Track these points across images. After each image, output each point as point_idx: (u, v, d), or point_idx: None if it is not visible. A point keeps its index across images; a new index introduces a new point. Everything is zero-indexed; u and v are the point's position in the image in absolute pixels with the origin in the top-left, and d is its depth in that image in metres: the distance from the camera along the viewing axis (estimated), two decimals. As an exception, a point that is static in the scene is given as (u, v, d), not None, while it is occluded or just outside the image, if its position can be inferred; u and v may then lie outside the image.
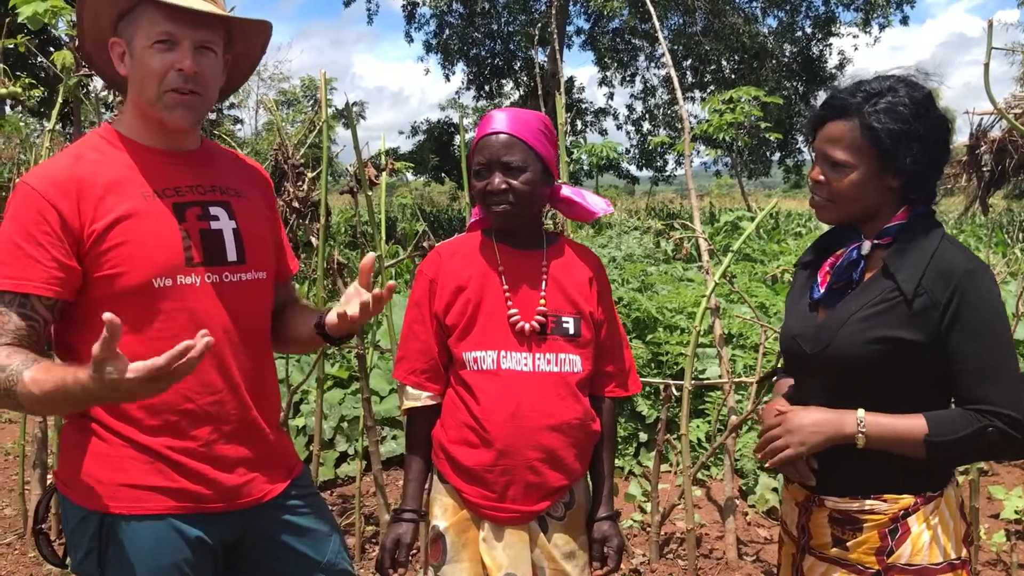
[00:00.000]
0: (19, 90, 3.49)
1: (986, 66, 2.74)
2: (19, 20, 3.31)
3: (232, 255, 1.87)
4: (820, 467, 1.87)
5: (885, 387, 1.79)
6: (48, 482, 3.98)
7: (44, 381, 1.58)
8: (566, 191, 2.22)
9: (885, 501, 1.81)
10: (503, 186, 2.02)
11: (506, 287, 2.09)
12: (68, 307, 1.76)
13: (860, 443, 1.77)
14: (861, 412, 1.78)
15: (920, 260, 1.77)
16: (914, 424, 1.74)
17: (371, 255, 1.91)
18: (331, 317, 1.94)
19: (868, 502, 1.83)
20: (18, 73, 4.03)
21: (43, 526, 1.94)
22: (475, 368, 2.07)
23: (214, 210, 1.87)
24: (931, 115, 1.79)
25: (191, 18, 1.75)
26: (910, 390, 1.79)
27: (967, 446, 1.73)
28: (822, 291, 1.91)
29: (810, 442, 1.82)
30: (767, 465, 1.90)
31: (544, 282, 2.11)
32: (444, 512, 2.13)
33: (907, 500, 1.80)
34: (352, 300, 1.89)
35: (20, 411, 1.71)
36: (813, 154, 1.92)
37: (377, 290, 1.80)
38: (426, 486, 2.22)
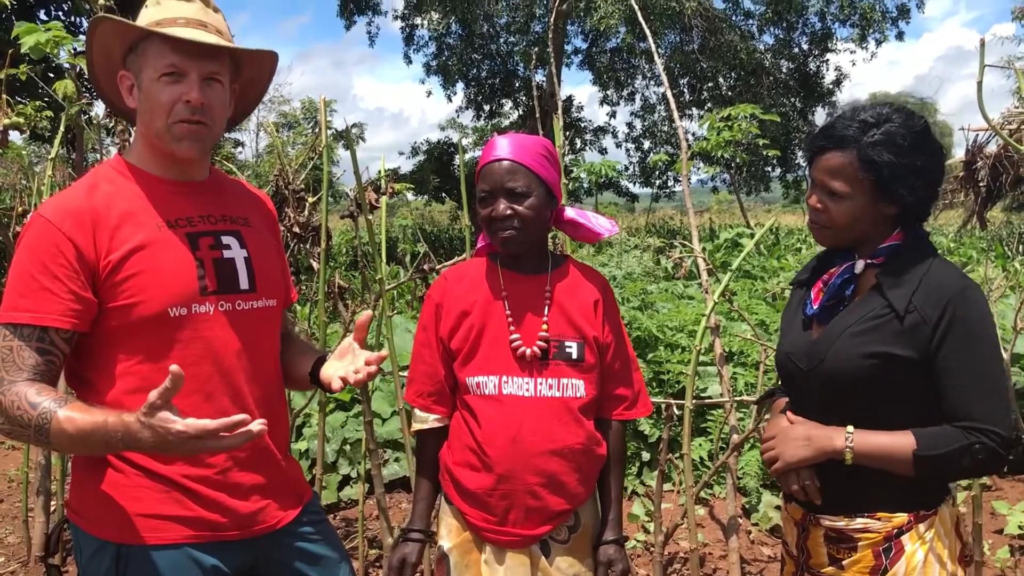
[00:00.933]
0: (21, 120, 3.52)
1: (979, 84, 2.76)
2: (22, 50, 3.35)
3: (244, 283, 1.90)
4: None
5: (876, 403, 1.82)
6: (52, 510, 3.98)
7: (80, 420, 1.60)
8: (570, 213, 2.24)
9: (879, 519, 1.83)
10: (508, 212, 2.04)
11: (509, 312, 2.11)
12: (82, 339, 1.77)
13: (848, 458, 1.80)
14: (850, 428, 1.81)
15: (912, 278, 1.80)
16: (903, 440, 1.76)
17: (367, 314, 1.96)
18: (327, 373, 1.96)
19: (861, 520, 1.85)
20: (22, 100, 4.07)
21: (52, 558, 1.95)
22: (478, 392, 2.09)
23: (226, 239, 1.89)
24: (928, 146, 1.82)
25: (198, 50, 1.78)
26: (900, 406, 1.81)
27: (954, 462, 1.75)
28: (815, 308, 1.95)
29: (799, 455, 1.86)
30: (770, 475, 1.93)
31: (547, 307, 2.13)
32: (449, 533, 2.15)
33: (901, 518, 1.82)
34: (346, 357, 1.94)
35: (45, 448, 1.72)
36: (809, 180, 1.95)
37: (369, 355, 1.88)
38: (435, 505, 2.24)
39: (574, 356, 2.11)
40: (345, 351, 1.97)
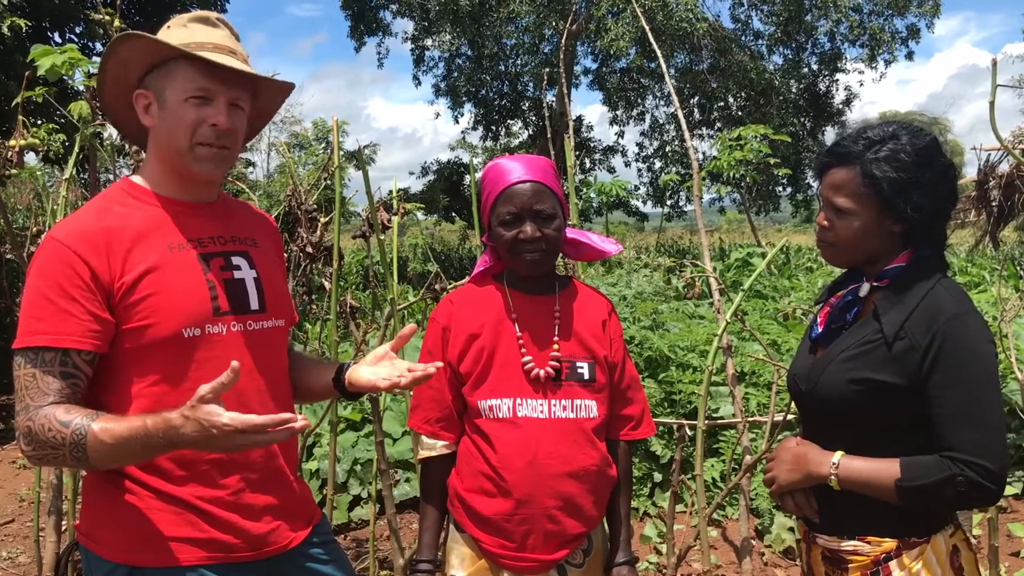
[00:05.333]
0: (37, 141, 3.55)
1: (991, 104, 2.76)
2: (38, 73, 3.38)
3: (254, 303, 1.90)
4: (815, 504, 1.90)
5: (869, 428, 1.81)
6: (63, 529, 3.98)
7: (117, 428, 1.59)
8: (570, 233, 2.23)
9: (868, 543, 1.82)
10: (537, 234, 2.03)
11: (519, 334, 2.10)
12: (101, 362, 1.76)
13: (833, 484, 1.80)
14: (838, 454, 1.81)
15: (909, 303, 1.78)
16: (887, 468, 1.74)
17: (411, 326, 1.95)
18: (364, 378, 1.96)
19: (852, 542, 1.85)
20: (38, 121, 4.10)
21: None
22: (491, 416, 2.06)
23: (236, 260, 1.90)
24: (934, 163, 1.80)
25: (226, 76, 1.80)
26: (890, 433, 1.80)
27: (936, 494, 1.71)
28: (820, 331, 1.95)
29: (789, 479, 1.89)
30: (770, 495, 1.94)
31: (557, 327, 2.12)
32: (461, 562, 2.12)
33: (889, 544, 1.80)
34: (382, 364, 1.95)
35: (81, 466, 1.70)
36: (819, 199, 1.95)
37: (413, 364, 1.88)
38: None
39: (586, 376, 2.10)
40: (380, 358, 1.98)
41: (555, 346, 2.10)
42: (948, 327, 1.72)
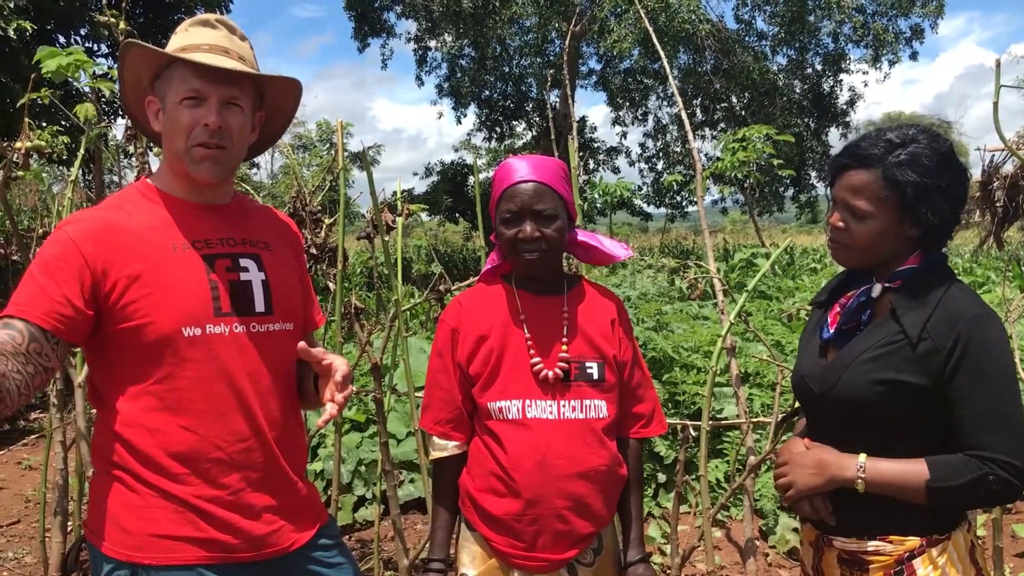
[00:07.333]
0: (43, 143, 3.56)
1: (995, 104, 2.76)
2: (43, 73, 3.39)
3: (260, 306, 1.91)
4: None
5: (889, 429, 1.80)
6: (68, 530, 4.00)
7: None
8: (581, 236, 2.24)
9: (891, 542, 1.82)
10: (536, 234, 2.04)
11: (528, 335, 2.10)
12: (100, 359, 1.80)
13: (860, 488, 1.79)
14: (862, 457, 1.80)
15: (927, 304, 1.78)
16: (916, 469, 1.74)
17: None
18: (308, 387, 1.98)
19: (873, 543, 1.83)
20: (43, 124, 4.12)
21: None
22: (500, 417, 2.07)
23: (244, 262, 1.91)
24: (953, 168, 1.80)
25: (218, 75, 1.82)
26: (915, 433, 1.79)
27: (968, 494, 1.72)
28: (831, 332, 1.93)
29: (811, 483, 1.87)
30: (782, 501, 1.92)
31: (566, 328, 2.12)
32: (472, 560, 2.12)
33: (913, 542, 1.80)
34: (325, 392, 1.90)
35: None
36: (831, 199, 1.94)
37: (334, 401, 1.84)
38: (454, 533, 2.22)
39: (595, 377, 2.09)
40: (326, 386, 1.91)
41: (564, 347, 2.10)
42: (971, 328, 1.72)
